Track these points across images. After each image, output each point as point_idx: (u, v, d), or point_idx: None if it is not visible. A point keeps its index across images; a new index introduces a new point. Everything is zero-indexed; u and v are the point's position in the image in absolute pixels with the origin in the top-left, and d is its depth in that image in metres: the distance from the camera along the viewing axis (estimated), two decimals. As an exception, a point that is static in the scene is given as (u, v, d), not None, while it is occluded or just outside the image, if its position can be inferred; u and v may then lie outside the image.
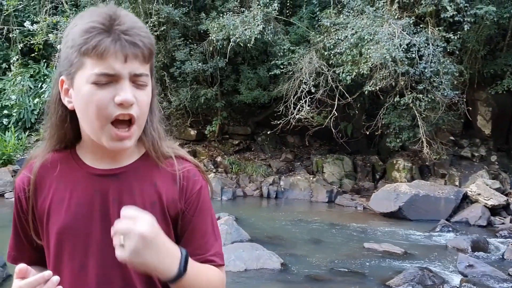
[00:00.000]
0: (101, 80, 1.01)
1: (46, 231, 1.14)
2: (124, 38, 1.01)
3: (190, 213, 1.16)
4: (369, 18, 9.32)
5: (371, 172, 11.70)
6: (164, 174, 1.15)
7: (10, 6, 11.66)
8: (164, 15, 10.57)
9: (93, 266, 1.11)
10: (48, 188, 1.15)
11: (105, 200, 1.11)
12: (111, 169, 1.14)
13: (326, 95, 9.99)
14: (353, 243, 7.33)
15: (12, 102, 12.27)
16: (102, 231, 1.10)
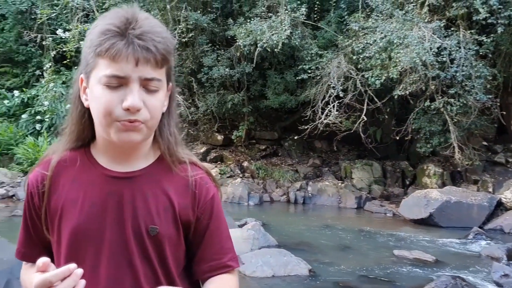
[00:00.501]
0: (112, 82, 1.03)
1: (58, 229, 1.15)
2: (137, 42, 1.02)
3: (205, 220, 1.18)
4: (398, 21, 9.18)
5: (401, 178, 11.51)
6: (177, 180, 1.17)
7: (43, 15, 11.93)
8: (192, 21, 10.66)
9: (104, 267, 1.12)
10: (62, 186, 1.16)
11: (119, 203, 1.12)
12: (126, 172, 1.15)
13: (354, 99, 9.87)
14: (382, 250, 7.19)
15: (44, 108, 12.54)
16: (115, 233, 1.12)
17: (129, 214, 1.12)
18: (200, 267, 1.21)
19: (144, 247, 1.12)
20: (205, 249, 1.19)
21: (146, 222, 1.12)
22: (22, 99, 13.56)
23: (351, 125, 10.06)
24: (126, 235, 1.12)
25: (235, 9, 11.56)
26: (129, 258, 1.12)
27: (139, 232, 1.12)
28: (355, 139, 10.82)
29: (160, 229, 1.13)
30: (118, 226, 1.12)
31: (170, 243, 1.15)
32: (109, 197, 1.13)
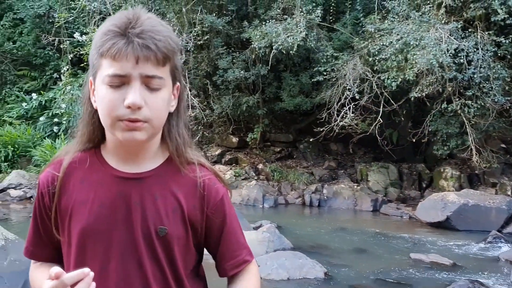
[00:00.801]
0: (114, 81, 1.04)
1: (68, 229, 1.16)
2: (137, 40, 1.03)
3: (218, 221, 1.20)
4: (415, 23, 9.11)
5: (417, 180, 11.39)
6: (186, 181, 1.18)
7: (61, 19, 12.08)
8: (208, 24, 10.69)
9: (113, 267, 1.13)
10: (73, 187, 1.17)
11: (128, 204, 1.13)
12: (135, 173, 1.15)
13: (370, 101, 9.82)
14: (399, 253, 7.11)
15: (62, 111, 12.69)
16: (123, 234, 1.13)
17: (138, 215, 1.13)
18: (222, 266, 1.24)
19: (153, 248, 1.13)
20: (224, 249, 1.22)
21: (155, 223, 1.13)
22: (40, 102, 13.74)
23: (367, 127, 10.00)
24: (135, 235, 1.12)
25: (251, 11, 11.58)
26: (138, 259, 1.13)
27: (148, 233, 1.13)
28: (371, 141, 10.74)
29: (169, 230, 1.14)
30: (127, 226, 1.12)
31: (179, 244, 1.16)
32: (118, 197, 1.13)
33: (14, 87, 15.34)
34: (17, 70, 15.77)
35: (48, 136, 12.65)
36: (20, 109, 13.90)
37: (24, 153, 12.05)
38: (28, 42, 15.35)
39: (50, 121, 13.03)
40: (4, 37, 15.71)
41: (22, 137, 12.23)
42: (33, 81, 15.36)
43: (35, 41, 15.28)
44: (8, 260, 4.34)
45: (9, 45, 15.42)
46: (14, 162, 11.93)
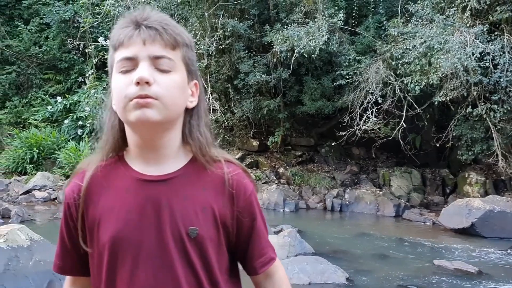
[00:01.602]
0: (124, 65, 1.06)
1: (96, 239, 1.14)
2: (144, 24, 1.07)
3: (248, 218, 1.18)
4: (439, 26, 9.00)
5: (441, 186, 11.24)
6: (213, 179, 1.15)
7: (86, 24, 12.27)
8: (230, 28, 10.73)
9: (143, 274, 1.10)
10: (98, 195, 1.15)
11: (156, 207, 1.11)
12: (161, 175, 1.13)
13: (393, 105, 9.72)
14: (422, 260, 7.01)
15: (86, 114, 12.87)
16: (153, 238, 1.11)
17: (167, 218, 1.11)
18: (252, 264, 1.22)
19: (185, 251, 1.11)
20: (253, 247, 1.21)
21: (185, 224, 1.11)
22: (65, 105, 13.97)
23: (389, 132, 9.91)
24: (165, 239, 1.10)
25: (272, 15, 11.58)
26: (170, 263, 1.10)
27: (178, 235, 1.10)
28: (394, 146, 10.64)
29: (200, 230, 1.11)
30: (156, 230, 1.10)
31: (211, 244, 1.13)
32: (145, 202, 1.12)
33: (40, 90, 15.63)
34: (43, 74, 16.08)
35: (72, 139, 12.84)
36: (46, 112, 14.15)
37: (49, 155, 12.24)
38: (54, 47, 15.63)
39: (74, 124, 13.23)
40: (31, 41, 16.04)
41: (47, 140, 12.43)
42: (58, 85, 15.63)
43: (61, 45, 15.57)
44: (33, 260, 4.40)
45: (35, 49, 15.74)
46: (39, 164, 12.13)
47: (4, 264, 4.20)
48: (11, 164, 12.07)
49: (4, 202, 9.67)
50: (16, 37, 16.33)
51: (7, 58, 16.10)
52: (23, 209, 8.88)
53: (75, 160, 11.30)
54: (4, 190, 10.71)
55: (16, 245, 4.45)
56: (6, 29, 16.47)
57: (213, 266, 1.14)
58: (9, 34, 16.41)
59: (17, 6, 17.11)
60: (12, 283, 4.14)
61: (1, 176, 11.87)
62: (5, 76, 15.65)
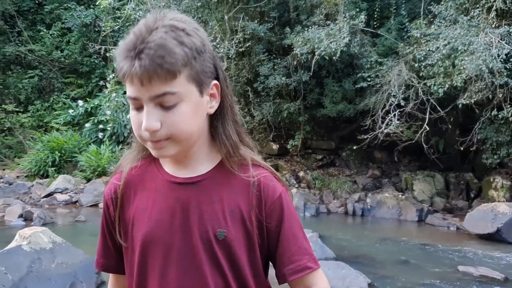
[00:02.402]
0: (133, 104, 1.04)
1: (131, 238, 1.16)
2: (137, 62, 0.97)
3: (276, 221, 1.15)
4: (463, 27, 8.85)
5: (465, 190, 11.03)
6: (240, 182, 1.15)
7: (107, 28, 12.38)
8: (249, 31, 10.72)
9: (172, 274, 1.12)
10: (134, 196, 1.18)
11: (185, 209, 1.12)
12: (190, 178, 1.14)
13: (416, 108, 9.57)
14: (445, 265, 6.87)
15: (107, 117, 12.98)
16: (182, 240, 1.11)
17: (195, 220, 1.11)
18: (281, 271, 1.17)
19: (213, 253, 1.11)
20: (282, 252, 1.16)
21: (213, 227, 1.11)
22: (86, 109, 14.11)
23: (412, 135, 9.76)
24: (194, 241, 1.11)
25: (293, 17, 11.53)
26: (197, 265, 1.11)
27: (206, 237, 1.11)
28: (417, 149, 10.50)
29: (227, 232, 1.11)
30: (185, 232, 1.11)
31: (240, 247, 1.13)
32: (175, 203, 1.13)
33: (62, 94, 15.84)
34: (64, 78, 16.30)
35: (93, 142, 12.95)
36: (67, 116, 14.31)
37: (70, 158, 12.36)
38: (75, 51, 15.84)
39: (95, 128, 13.35)
40: (53, 45, 16.28)
41: (68, 143, 12.56)
42: (80, 89, 15.82)
43: (82, 49, 15.77)
44: (56, 262, 4.42)
45: (57, 54, 15.97)
46: (61, 167, 12.25)
47: (27, 266, 4.23)
48: (33, 167, 12.22)
49: (27, 205, 9.77)
50: (38, 41, 16.60)
51: (30, 62, 16.36)
52: (45, 212, 8.95)
53: (96, 164, 11.39)
54: (27, 192, 10.84)
55: (39, 247, 4.47)
56: (29, 34, 16.75)
57: (243, 268, 1.13)
58: (31, 39, 16.68)
59: (40, 11, 17.40)
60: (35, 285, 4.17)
61: (24, 179, 12.03)
62: (27, 80, 15.90)
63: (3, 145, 14.23)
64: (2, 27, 16.64)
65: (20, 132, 14.38)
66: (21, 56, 16.28)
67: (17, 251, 4.32)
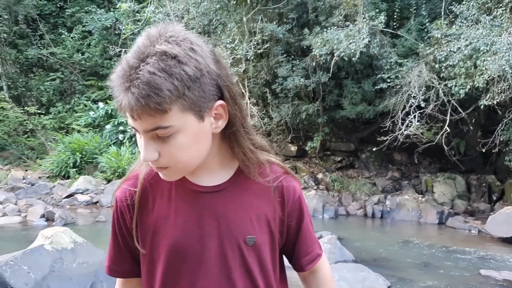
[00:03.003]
0: (134, 130, 1.03)
1: (150, 246, 1.14)
2: (127, 97, 0.94)
3: (296, 219, 1.21)
4: (485, 27, 8.71)
5: (487, 192, 10.83)
6: (261, 186, 1.16)
7: (127, 30, 12.51)
8: (268, 33, 10.71)
9: (203, 283, 1.12)
10: (152, 202, 1.15)
11: (212, 217, 1.12)
12: (213, 186, 1.14)
13: (437, 109, 9.44)
14: (467, 269, 6.77)
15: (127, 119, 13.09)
16: (212, 248, 1.11)
17: (224, 227, 1.12)
18: (299, 262, 1.26)
19: (243, 259, 1.13)
20: (300, 246, 1.24)
21: (242, 233, 1.12)
22: (106, 111, 14.25)
23: (433, 137, 9.63)
24: (223, 248, 1.12)
25: (311, 18, 11.48)
26: (227, 272, 1.12)
27: (237, 244, 1.12)
28: (437, 151, 10.35)
29: (256, 238, 1.13)
30: (213, 241, 1.11)
31: (267, 251, 1.16)
32: (202, 212, 1.12)
33: (83, 96, 16.04)
34: (85, 80, 16.51)
35: (113, 144, 13.08)
36: (88, 118, 14.48)
37: (91, 159, 12.51)
38: (96, 53, 16.03)
39: (115, 129, 13.48)
40: (74, 48, 16.50)
41: (89, 144, 12.71)
42: (100, 91, 15.99)
43: (102, 52, 15.95)
44: (77, 262, 4.47)
45: (78, 56, 16.19)
46: (82, 168, 12.40)
47: (49, 265, 4.28)
48: (55, 168, 12.39)
49: (49, 205, 9.91)
50: (59, 44, 16.84)
51: (52, 65, 16.62)
52: (67, 212, 9.08)
53: (116, 165, 11.51)
54: (49, 193, 11.00)
55: (60, 247, 4.53)
56: (50, 37, 17.02)
57: (270, 271, 1.17)
58: (53, 42, 16.94)
59: (61, 14, 17.66)
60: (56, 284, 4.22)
61: (46, 180, 12.21)
62: (49, 82, 16.15)
63: (25, 147, 14.47)
64: (24, 30, 16.95)
65: (42, 134, 14.60)
66: (43, 59, 16.54)
67: (40, 250, 4.38)
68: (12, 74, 15.97)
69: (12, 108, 14.31)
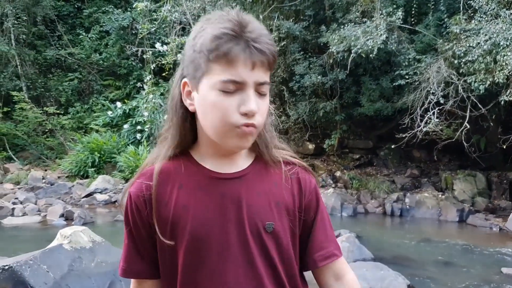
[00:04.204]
0: (229, 87, 1.02)
1: (170, 237, 1.12)
2: (254, 45, 1.01)
3: (312, 211, 1.21)
4: (505, 22, 8.55)
5: (508, 190, 10.66)
6: (279, 175, 1.18)
7: (144, 30, 12.56)
8: (285, 30, 10.68)
9: (228, 270, 1.11)
10: (170, 194, 1.14)
11: (232, 203, 1.12)
12: (233, 173, 1.15)
13: (456, 106, 9.30)
14: (488, 267, 6.69)
15: (144, 119, 13.17)
16: (233, 235, 1.11)
17: (244, 214, 1.12)
18: (311, 256, 1.21)
19: (263, 245, 1.13)
20: (314, 239, 1.21)
21: (262, 219, 1.13)
22: (124, 110, 14.36)
23: (452, 133, 9.50)
24: (245, 235, 1.11)
25: (328, 15, 11.41)
26: (250, 258, 1.12)
27: (256, 230, 1.12)
28: (457, 148, 10.21)
29: (275, 224, 1.13)
30: (235, 227, 1.11)
31: (286, 238, 1.16)
32: (222, 199, 1.12)
33: (100, 96, 16.19)
34: (103, 80, 16.66)
35: (131, 143, 13.18)
36: (106, 117, 14.60)
37: (109, 159, 12.62)
38: (113, 53, 16.16)
39: (133, 129, 13.57)
40: (92, 49, 16.66)
41: (107, 144, 12.82)
42: (118, 91, 16.12)
43: (120, 52, 16.07)
44: (96, 261, 4.49)
45: (96, 57, 16.34)
46: (100, 168, 12.52)
47: (68, 264, 4.31)
48: (74, 168, 12.53)
49: (68, 205, 10.03)
50: (77, 45, 17.02)
51: (70, 65, 16.81)
52: (85, 212, 9.16)
53: (134, 164, 11.58)
54: (68, 193, 11.13)
55: (79, 246, 4.56)
56: (68, 38, 17.21)
57: (291, 259, 1.17)
58: (71, 42, 17.13)
59: (79, 15, 17.85)
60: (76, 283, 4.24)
61: (65, 180, 12.35)
62: (68, 83, 16.34)
63: (45, 147, 14.67)
64: (43, 31, 17.16)
65: (61, 134, 14.78)
66: (61, 59, 16.74)
67: (59, 250, 4.41)
68: (31, 74, 16.20)
69: (32, 108, 14.50)
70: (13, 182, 12.11)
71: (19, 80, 15.79)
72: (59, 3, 17.48)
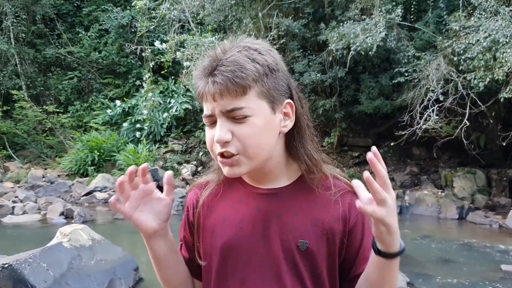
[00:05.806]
0: (207, 121, 1.10)
1: (209, 246, 1.19)
2: (211, 79, 1.05)
3: (358, 237, 1.16)
4: (504, 19, 8.54)
5: (508, 187, 10.65)
6: (322, 197, 1.16)
7: (143, 28, 12.56)
8: (284, 28, 10.66)
9: (253, 281, 1.13)
10: (216, 205, 1.21)
11: (267, 218, 1.15)
12: (270, 189, 1.17)
13: (455, 103, 9.29)
14: (488, 264, 6.69)
15: (144, 117, 13.18)
16: (263, 248, 1.14)
17: (277, 229, 1.13)
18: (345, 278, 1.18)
19: (294, 263, 1.13)
20: (358, 266, 1.17)
21: (295, 237, 1.13)
22: (123, 109, 14.36)
23: (452, 131, 9.49)
24: (275, 250, 1.13)
25: (327, 13, 11.40)
26: (278, 274, 1.12)
27: (288, 247, 1.13)
28: (457, 145, 10.20)
29: (310, 244, 1.12)
30: (266, 241, 1.13)
31: (322, 258, 1.14)
32: (257, 212, 1.15)
33: (100, 94, 16.19)
34: (102, 79, 16.65)
35: (131, 141, 13.18)
36: (105, 116, 14.60)
37: (109, 157, 12.62)
38: (113, 52, 16.14)
39: (133, 127, 13.57)
40: (91, 47, 16.65)
41: (107, 142, 12.81)
42: (117, 89, 16.11)
43: (119, 50, 16.05)
44: (95, 259, 4.50)
45: (95, 55, 16.33)
46: (100, 166, 12.52)
47: (68, 262, 4.31)
48: (73, 166, 12.53)
49: (68, 203, 10.04)
50: (77, 43, 17.02)
51: (69, 64, 16.80)
52: (85, 210, 9.17)
53: (134, 162, 11.57)
54: (68, 191, 11.14)
55: (78, 244, 4.56)
56: (68, 36, 17.21)
57: (323, 280, 1.14)
58: (70, 41, 17.13)
59: (78, 13, 17.84)
60: (75, 281, 4.25)
61: (65, 178, 12.36)
62: (67, 81, 16.33)
63: (45, 145, 14.68)
64: (42, 30, 17.15)
65: (61, 132, 14.78)
66: (60, 58, 16.74)
67: (58, 248, 4.42)
68: (30, 73, 16.19)
69: (31, 107, 14.51)
70: (13, 181, 12.12)
71: (19, 78, 15.79)
72: (58, 1, 17.47)
